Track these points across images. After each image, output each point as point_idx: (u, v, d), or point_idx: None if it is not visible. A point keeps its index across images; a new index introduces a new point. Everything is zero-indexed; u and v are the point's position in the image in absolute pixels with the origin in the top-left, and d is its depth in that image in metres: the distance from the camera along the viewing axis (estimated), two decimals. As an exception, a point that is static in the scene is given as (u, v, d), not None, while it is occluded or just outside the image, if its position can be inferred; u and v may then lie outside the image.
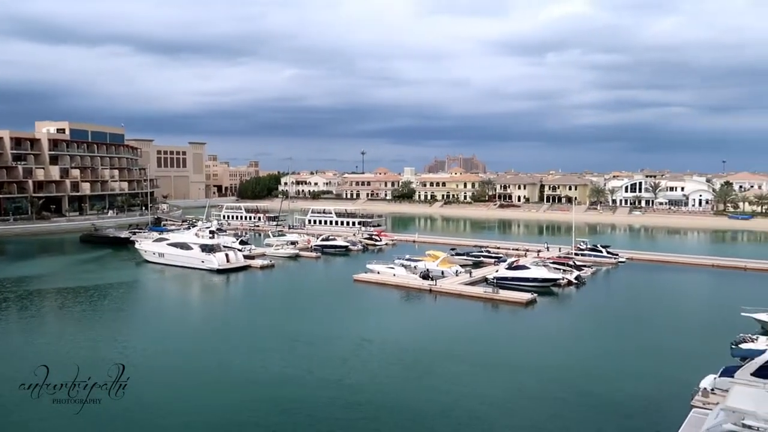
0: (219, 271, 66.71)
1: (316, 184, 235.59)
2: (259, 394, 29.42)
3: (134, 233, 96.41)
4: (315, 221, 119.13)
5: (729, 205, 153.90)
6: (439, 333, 42.47)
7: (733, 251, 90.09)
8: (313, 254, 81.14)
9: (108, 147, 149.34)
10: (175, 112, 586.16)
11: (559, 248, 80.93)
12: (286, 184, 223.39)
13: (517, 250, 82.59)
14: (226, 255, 69.50)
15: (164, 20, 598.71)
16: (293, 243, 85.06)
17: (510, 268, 60.32)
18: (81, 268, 72.66)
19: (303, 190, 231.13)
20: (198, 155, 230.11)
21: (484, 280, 58.90)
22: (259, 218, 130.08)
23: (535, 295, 52.57)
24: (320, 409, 27.62)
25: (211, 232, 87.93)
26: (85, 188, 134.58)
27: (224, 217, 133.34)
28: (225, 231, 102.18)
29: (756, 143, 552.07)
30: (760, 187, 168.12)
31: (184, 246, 71.54)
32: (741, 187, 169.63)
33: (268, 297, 56.76)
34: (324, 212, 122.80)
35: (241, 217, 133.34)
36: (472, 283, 58.49)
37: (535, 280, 56.97)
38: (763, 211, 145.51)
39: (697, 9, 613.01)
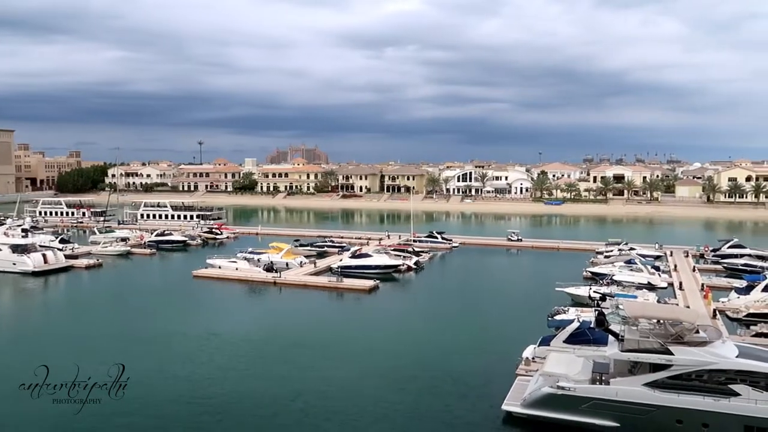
0: (35, 274, 59.76)
1: (148, 176, 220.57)
2: (95, 398, 26.74)
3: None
4: (148, 215, 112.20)
5: (545, 192, 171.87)
6: (286, 323, 42.28)
7: (548, 233, 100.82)
8: (147, 251, 76.08)
9: None
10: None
11: (399, 236, 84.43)
12: (114, 176, 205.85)
13: (359, 239, 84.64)
14: (43, 255, 62.56)
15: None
16: (124, 239, 79.04)
17: (353, 256, 61.71)
18: None
19: (134, 183, 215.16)
20: (5, 144, 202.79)
21: (329, 270, 59.61)
22: (84, 214, 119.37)
23: (378, 281, 54.36)
24: (165, 407, 26.38)
25: (24, 230, 79.02)
26: None
27: (40, 213, 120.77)
28: (41, 229, 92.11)
29: (566, 137, 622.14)
30: (569, 176, 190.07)
31: (-10, 247, 63.01)
32: (554, 176, 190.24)
33: (97, 298, 52.04)
34: (158, 206, 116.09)
35: (62, 213, 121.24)
36: (317, 273, 58.90)
37: (377, 267, 58.89)
38: (572, 197, 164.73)
39: (516, 13, 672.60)
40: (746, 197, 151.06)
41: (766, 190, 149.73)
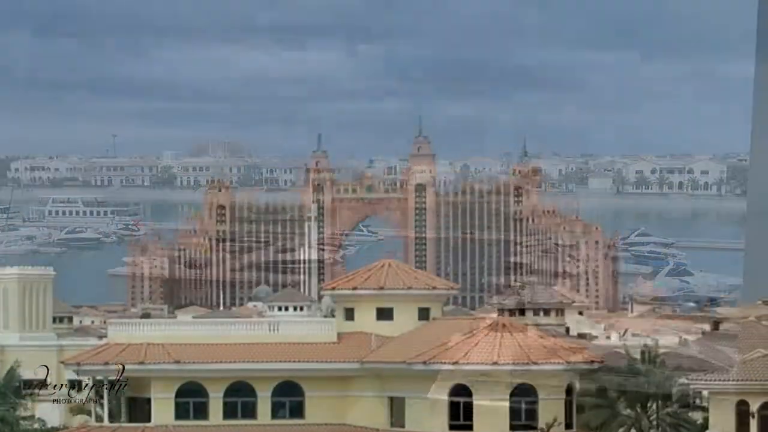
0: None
1: (57, 170, 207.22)
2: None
3: None
4: (57, 212, 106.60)
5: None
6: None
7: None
8: (57, 249, 72.10)
9: None
10: None
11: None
12: (17, 170, 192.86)
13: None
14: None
15: None
16: (30, 238, 74.43)
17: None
18: None
19: (40, 177, 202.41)
20: None
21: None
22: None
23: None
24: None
25: None
26: None
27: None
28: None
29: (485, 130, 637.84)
30: (490, 169, 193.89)
31: None
32: (475, 169, 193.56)
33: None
34: (69, 201, 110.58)
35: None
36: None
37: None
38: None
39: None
40: (651, 188, 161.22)
41: (668, 182, 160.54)
